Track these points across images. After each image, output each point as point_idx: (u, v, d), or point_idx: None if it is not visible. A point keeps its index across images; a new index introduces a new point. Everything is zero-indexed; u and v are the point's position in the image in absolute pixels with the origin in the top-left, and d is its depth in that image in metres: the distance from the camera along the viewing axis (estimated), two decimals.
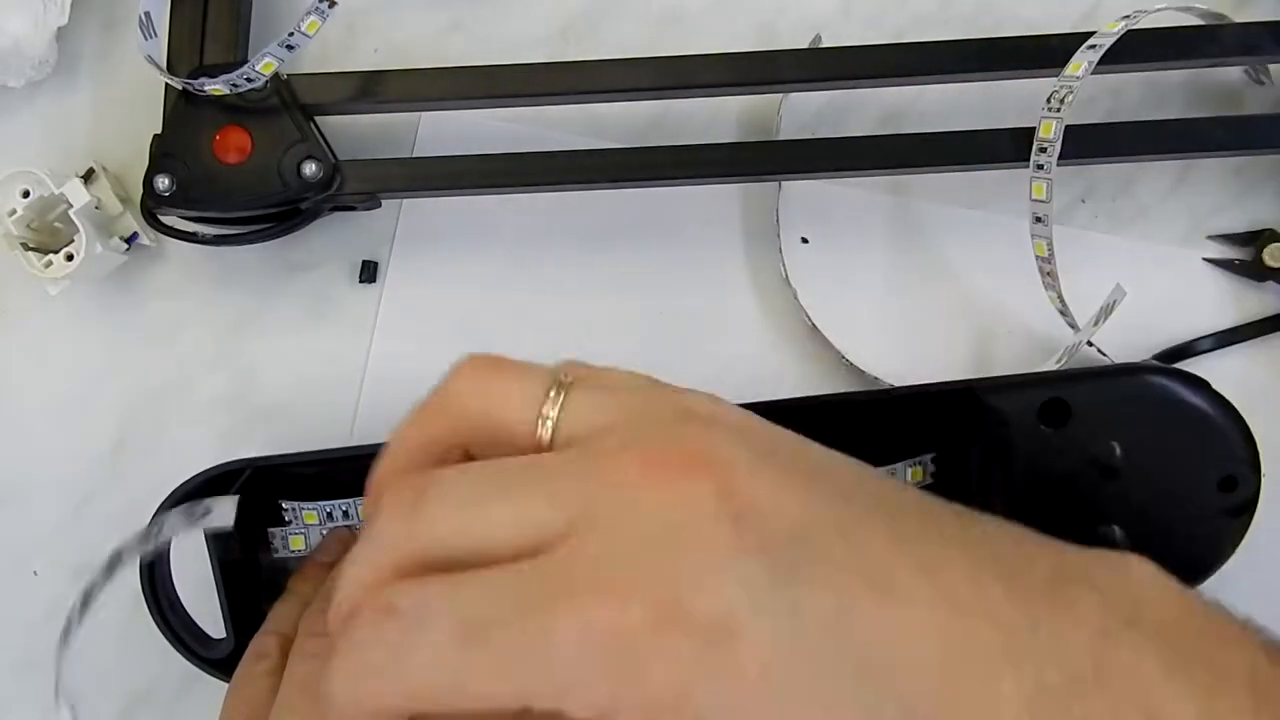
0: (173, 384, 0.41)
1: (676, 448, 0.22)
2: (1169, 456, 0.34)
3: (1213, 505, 0.34)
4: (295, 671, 0.32)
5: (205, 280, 0.41)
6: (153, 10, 0.38)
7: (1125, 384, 0.35)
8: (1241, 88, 0.41)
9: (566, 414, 0.23)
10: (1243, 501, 0.34)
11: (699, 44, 0.39)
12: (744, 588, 0.20)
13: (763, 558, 0.21)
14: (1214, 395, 0.34)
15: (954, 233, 0.41)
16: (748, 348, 0.41)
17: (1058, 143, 0.36)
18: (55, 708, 0.32)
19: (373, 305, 0.41)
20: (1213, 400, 0.34)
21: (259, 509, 0.37)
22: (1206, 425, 0.34)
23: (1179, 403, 0.34)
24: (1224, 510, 0.34)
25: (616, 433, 0.23)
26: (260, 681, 0.33)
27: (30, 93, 0.42)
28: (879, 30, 0.42)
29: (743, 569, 0.20)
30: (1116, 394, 0.34)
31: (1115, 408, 0.34)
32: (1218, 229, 0.41)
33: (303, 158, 0.37)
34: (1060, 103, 0.36)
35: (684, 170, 0.38)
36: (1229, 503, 0.34)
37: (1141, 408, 0.34)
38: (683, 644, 0.20)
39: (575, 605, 0.20)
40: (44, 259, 0.38)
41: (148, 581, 0.35)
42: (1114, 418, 0.34)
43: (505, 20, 0.42)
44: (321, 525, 0.38)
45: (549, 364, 0.24)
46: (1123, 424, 0.34)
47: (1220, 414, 0.34)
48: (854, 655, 0.21)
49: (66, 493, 0.41)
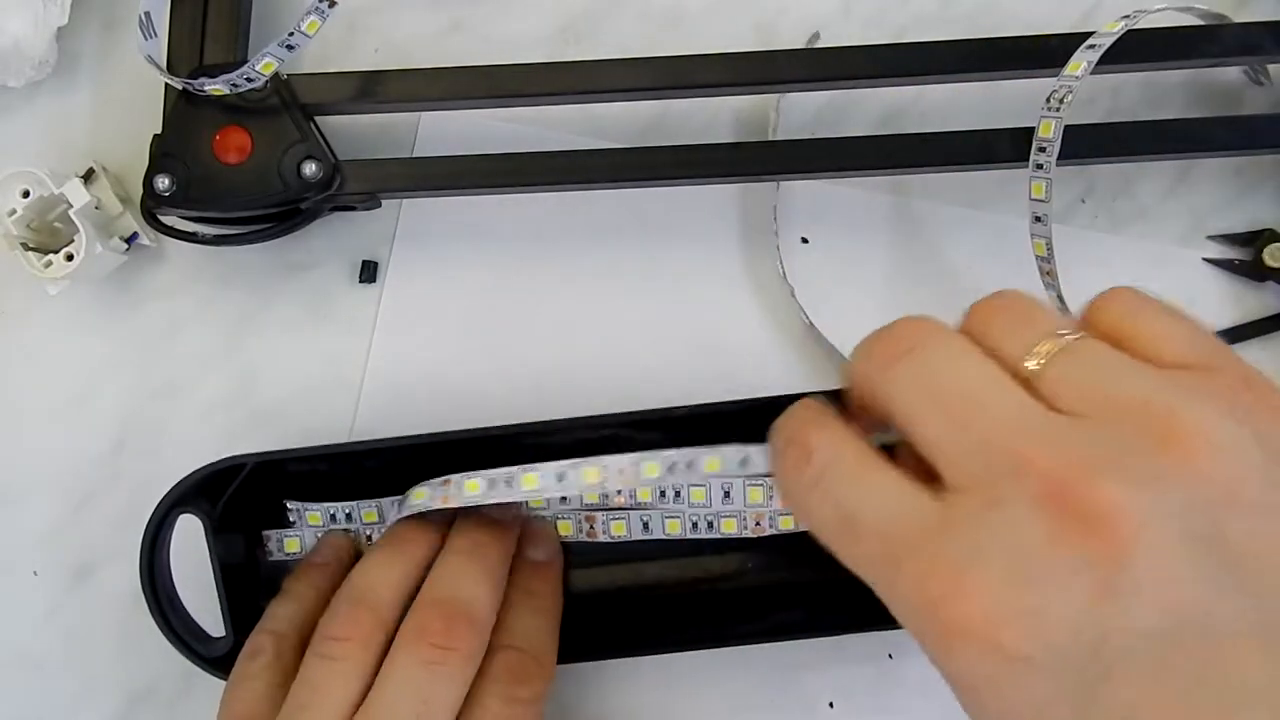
0: (173, 384, 0.41)
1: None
2: None
3: None
4: (311, 672, 0.32)
5: (205, 280, 0.41)
6: (153, 10, 0.38)
7: None
8: (1241, 88, 0.41)
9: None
10: None
11: (699, 44, 0.39)
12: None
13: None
14: None
15: (954, 232, 0.41)
16: (747, 347, 0.41)
17: (1057, 142, 0.36)
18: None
19: (373, 305, 0.41)
20: None
21: (260, 507, 0.38)
22: None
23: None
24: None
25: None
26: (256, 679, 0.33)
27: (30, 93, 0.42)
28: (879, 30, 0.42)
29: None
30: None
31: None
32: (1218, 229, 0.41)
33: (303, 158, 0.37)
34: (1060, 102, 0.36)
35: (683, 170, 0.38)
36: None
37: None
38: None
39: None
40: (44, 259, 0.38)
41: (148, 580, 0.35)
42: None
43: (505, 20, 0.42)
44: (325, 526, 0.38)
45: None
46: None
47: None
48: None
49: (66, 493, 0.41)
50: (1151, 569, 0.21)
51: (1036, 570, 0.22)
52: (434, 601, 0.33)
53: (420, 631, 0.32)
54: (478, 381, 0.41)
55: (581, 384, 0.41)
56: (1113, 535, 0.22)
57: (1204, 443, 0.22)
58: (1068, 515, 0.22)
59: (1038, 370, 0.25)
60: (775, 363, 0.41)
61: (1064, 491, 0.22)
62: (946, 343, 0.26)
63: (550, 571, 0.37)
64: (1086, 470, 0.22)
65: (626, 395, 0.39)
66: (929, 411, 0.25)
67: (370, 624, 0.33)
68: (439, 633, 0.32)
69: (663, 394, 0.37)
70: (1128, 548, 0.21)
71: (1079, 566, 0.22)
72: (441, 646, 0.32)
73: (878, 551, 0.25)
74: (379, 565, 0.34)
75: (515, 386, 0.41)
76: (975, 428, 0.24)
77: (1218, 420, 0.23)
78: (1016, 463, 0.23)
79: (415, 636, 0.32)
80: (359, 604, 0.33)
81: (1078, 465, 0.22)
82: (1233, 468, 0.22)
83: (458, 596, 0.33)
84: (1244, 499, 0.22)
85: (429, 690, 0.31)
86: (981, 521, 0.23)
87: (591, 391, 0.40)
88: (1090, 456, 0.23)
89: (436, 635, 0.32)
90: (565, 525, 0.38)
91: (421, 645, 0.32)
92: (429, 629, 0.32)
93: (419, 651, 0.32)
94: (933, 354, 0.26)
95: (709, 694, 0.39)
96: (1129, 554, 0.21)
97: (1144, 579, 0.21)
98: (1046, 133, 0.36)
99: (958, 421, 0.24)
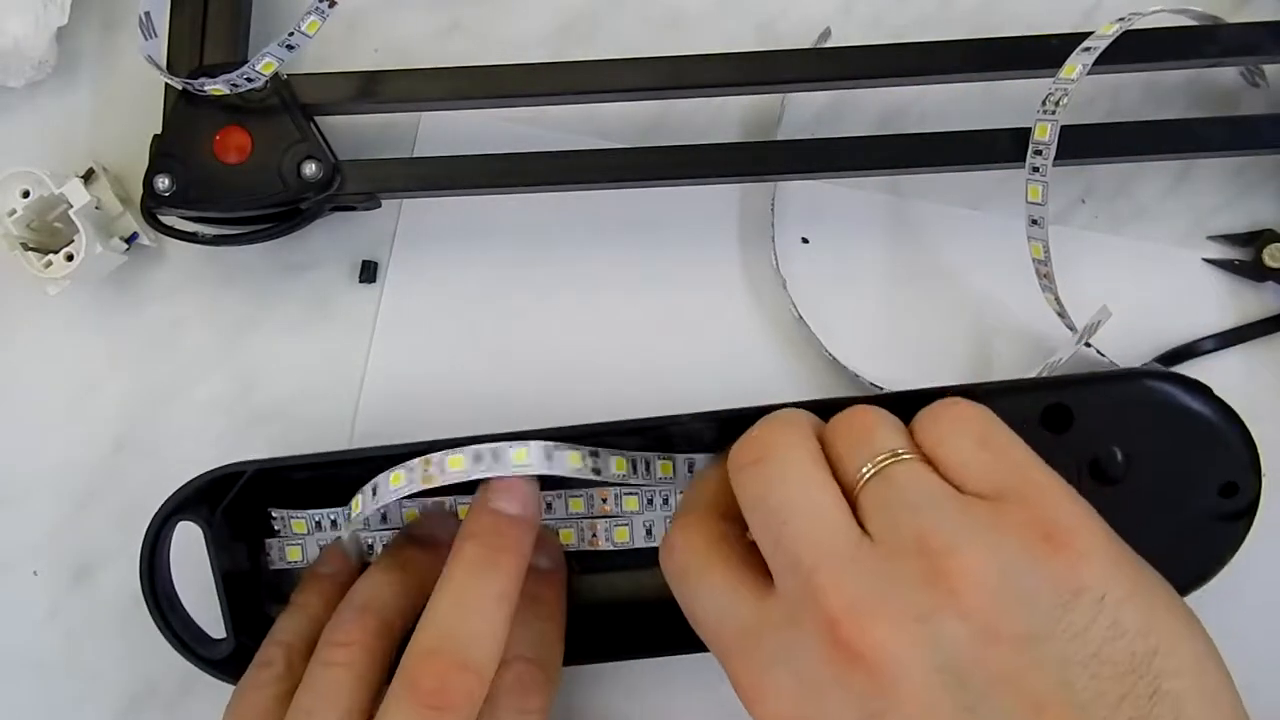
0: (173, 384, 0.41)
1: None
2: (1170, 462, 0.34)
3: (1213, 511, 0.34)
4: (317, 678, 0.32)
5: (205, 280, 0.41)
6: (153, 10, 0.38)
7: (1127, 389, 0.35)
8: (1241, 88, 0.41)
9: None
10: (1243, 507, 0.34)
11: (699, 44, 0.39)
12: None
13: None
14: (1215, 401, 0.34)
15: (955, 233, 0.41)
16: (748, 348, 0.41)
17: (1053, 145, 0.36)
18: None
19: (373, 305, 0.41)
20: (1214, 406, 0.34)
21: (259, 513, 0.37)
22: (1208, 431, 0.34)
23: (1181, 408, 0.34)
24: (1224, 516, 0.34)
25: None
26: (264, 689, 0.33)
27: (30, 93, 0.42)
28: (880, 30, 0.42)
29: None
30: (1118, 399, 0.34)
31: (1117, 413, 0.34)
32: (1218, 229, 0.41)
33: (303, 158, 0.37)
34: (1055, 105, 0.36)
35: (685, 170, 0.38)
36: (1229, 508, 0.34)
37: (1143, 413, 0.34)
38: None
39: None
40: (44, 259, 0.38)
41: (148, 581, 0.35)
42: (1116, 423, 0.34)
43: (505, 20, 0.42)
44: (310, 534, 0.37)
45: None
46: (1124, 429, 0.34)
47: (1222, 420, 0.34)
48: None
49: (66, 493, 0.41)
50: (910, 703, 0.25)
51: (817, 689, 0.26)
52: (427, 652, 0.30)
53: (413, 689, 0.30)
54: (478, 381, 0.41)
55: (583, 383, 0.41)
56: (877, 673, 0.25)
57: (971, 582, 0.26)
58: (840, 649, 0.26)
59: (860, 490, 0.28)
60: (775, 363, 0.41)
61: (840, 629, 0.26)
62: (790, 456, 0.29)
63: (555, 578, 0.36)
64: (862, 611, 0.26)
65: (627, 395, 0.39)
66: (757, 520, 0.29)
67: (375, 629, 0.32)
68: (434, 692, 0.29)
69: (663, 394, 0.37)
70: (890, 685, 0.25)
71: (851, 695, 0.26)
72: (437, 706, 0.29)
73: (712, 644, 0.30)
74: (383, 576, 0.34)
75: (516, 386, 0.41)
76: (787, 546, 0.28)
77: (987, 559, 0.26)
78: (811, 590, 0.27)
79: (409, 693, 0.30)
80: (364, 610, 0.33)
81: (856, 604, 0.26)
82: (993, 606, 0.25)
83: (459, 635, 0.31)
84: (1003, 635, 0.25)
85: None
86: (781, 635, 0.27)
87: (592, 390, 0.40)
88: (866, 595, 0.26)
89: (432, 695, 0.29)
90: (568, 534, 0.38)
91: (415, 703, 0.30)
92: (423, 686, 0.30)
93: (412, 709, 0.30)
94: (773, 467, 0.29)
95: (706, 697, 0.39)
96: (891, 690, 0.25)
97: (906, 711, 0.25)
98: (1042, 135, 0.36)
99: (774, 536, 0.28)
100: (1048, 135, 0.36)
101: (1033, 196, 0.37)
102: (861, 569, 0.27)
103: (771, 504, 0.28)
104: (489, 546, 0.32)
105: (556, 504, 0.37)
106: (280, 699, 0.33)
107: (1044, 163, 0.36)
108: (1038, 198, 0.37)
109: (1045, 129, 0.36)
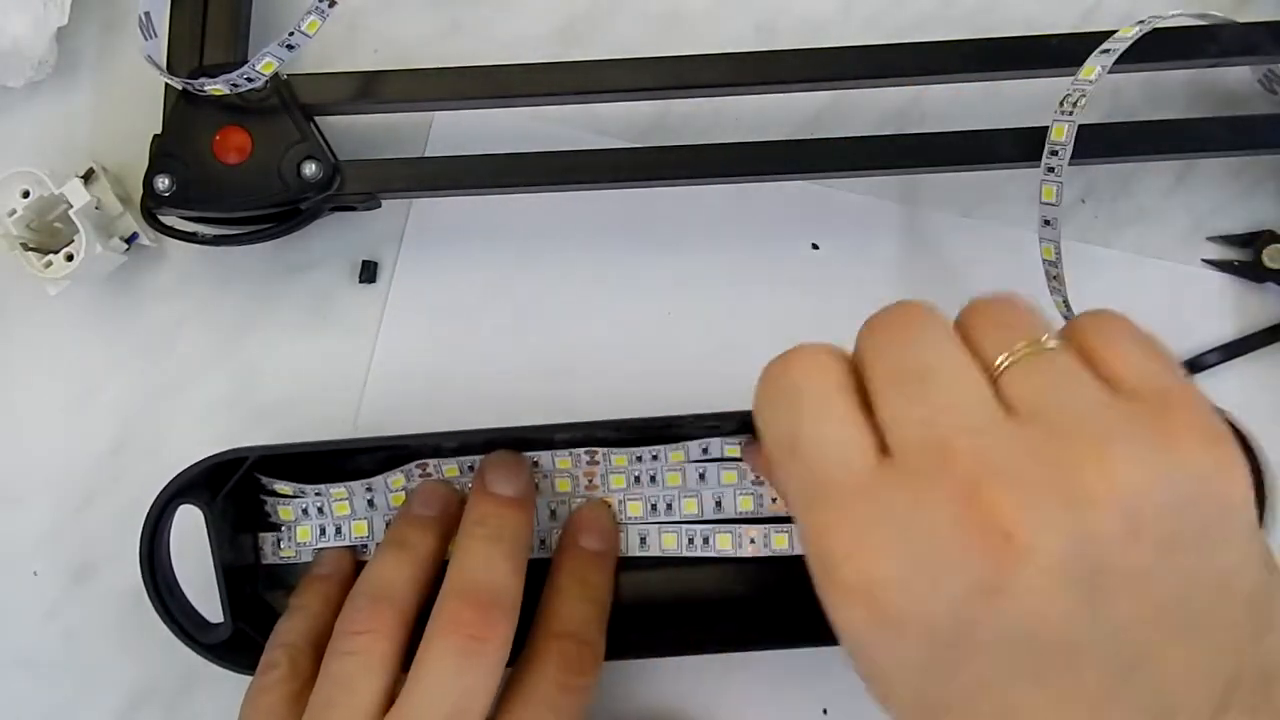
0: (173, 384, 0.41)
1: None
2: None
3: None
4: (336, 669, 0.32)
5: (205, 280, 0.41)
6: (153, 10, 0.38)
7: None
8: (1241, 88, 0.41)
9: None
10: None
11: (699, 44, 0.39)
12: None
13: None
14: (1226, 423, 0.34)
15: (964, 241, 0.41)
16: (750, 348, 0.41)
17: (1069, 146, 0.36)
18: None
19: (373, 306, 0.41)
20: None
21: (259, 503, 0.38)
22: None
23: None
24: None
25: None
26: (271, 692, 0.33)
27: (30, 93, 0.42)
28: (879, 30, 0.42)
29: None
30: None
31: None
32: (1218, 230, 0.41)
33: (303, 158, 0.37)
34: (1074, 106, 0.36)
35: (691, 170, 0.38)
36: None
37: None
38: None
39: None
40: (44, 259, 0.38)
41: (147, 569, 0.35)
42: None
43: (505, 20, 0.42)
44: (296, 521, 0.38)
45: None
46: None
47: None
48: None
49: (66, 493, 0.41)
50: (1030, 586, 0.23)
51: (932, 553, 0.24)
52: (463, 591, 0.33)
53: (454, 622, 0.32)
54: (482, 381, 0.41)
55: (586, 383, 0.41)
56: (1005, 547, 0.23)
57: (1118, 480, 0.24)
58: (972, 516, 0.23)
59: (1004, 369, 0.26)
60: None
61: (975, 495, 0.24)
62: (930, 327, 0.27)
63: (604, 561, 0.37)
64: (1001, 482, 0.24)
65: (631, 394, 0.39)
66: (891, 382, 0.26)
67: (391, 616, 0.33)
68: (473, 622, 0.32)
69: (666, 393, 0.37)
70: (1015, 561, 0.23)
71: (969, 563, 0.23)
72: (477, 636, 0.32)
73: (803, 482, 0.26)
74: (390, 564, 0.35)
75: (519, 385, 0.41)
76: (922, 406, 0.25)
77: (1139, 460, 0.24)
78: (946, 452, 0.24)
79: (450, 627, 0.32)
80: (378, 599, 0.33)
81: (996, 474, 0.24)
82: (1136, 510, 0.24)
83: (486, 584, 0.33)
84: (1140, 540, 0.24)
85: (468, 680, 0.31)
86: (901, 492, 0.24)
87: (596, 390, 0.40)
88: (1010, 469, 0.24)
89: (471, 625, 0.32)
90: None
91: (457, 635, 0.32)
92: (463, 619, 0.32)
93: (454, 642, 0.32)
94: (914, 333, 0.27)
95: (704, 700, 0.39)
96: (1014, 567, 0.23)
97: (1022, 591, 0.23)
98: (1059, 136, 0.36)
99: (908, 396, 0.26)
100: (1065, 136, 0.36)
101: (1046, 197, 0.37)
102: (1008, 442, 0.24)
103: (909, 365, 0.26)
104: (495, 526, 0.34)
105: (560, 509, 0.38)
106: (288, 700, 0.33)
107: (1059, 163, 0.36)
108: (1051, 198, 0.36)
109: (1062, 130, 0.36)
